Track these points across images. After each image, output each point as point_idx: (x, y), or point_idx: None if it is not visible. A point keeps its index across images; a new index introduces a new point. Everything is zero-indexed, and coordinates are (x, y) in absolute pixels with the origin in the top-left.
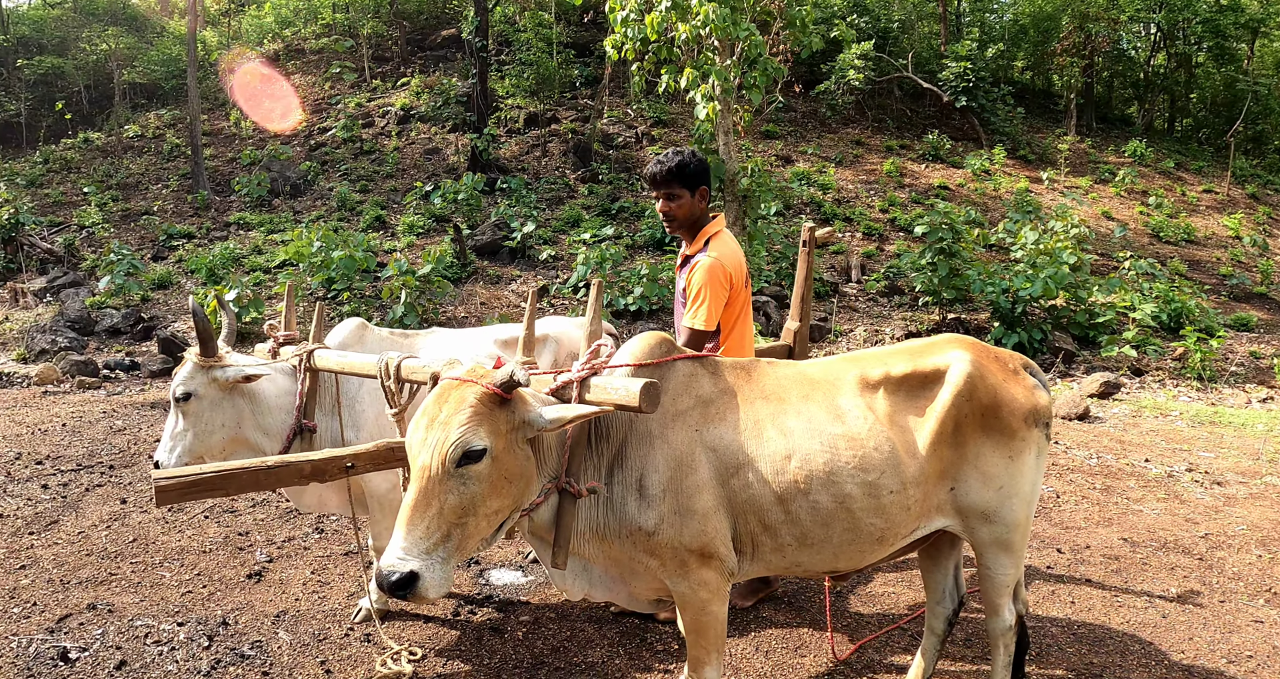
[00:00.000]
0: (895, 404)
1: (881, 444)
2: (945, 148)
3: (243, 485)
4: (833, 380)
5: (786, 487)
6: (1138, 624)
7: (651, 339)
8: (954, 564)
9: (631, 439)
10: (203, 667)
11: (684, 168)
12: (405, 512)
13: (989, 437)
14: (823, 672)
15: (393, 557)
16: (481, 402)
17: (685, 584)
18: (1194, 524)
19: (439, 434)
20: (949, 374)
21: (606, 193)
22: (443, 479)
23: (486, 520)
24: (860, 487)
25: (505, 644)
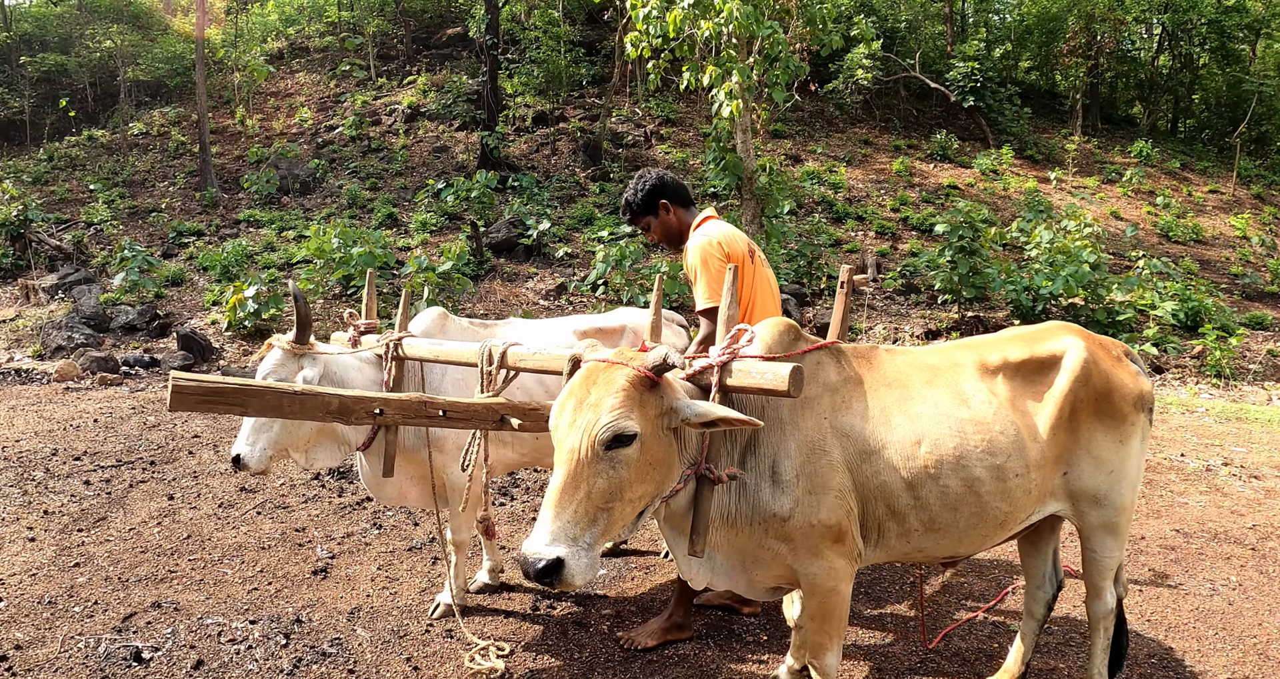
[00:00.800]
0: (1015, 389)
1: (1007, 428)
2: (953, 147)
3: (263, 407)
4: (953, 366)
5: (916, 472)
6: (1206, 611)
7: (781, 326)
8: (1053, 549)
9: (764, 426)
10: (284, 665)
11: (630, 205)
12: (553, 495)
13: (1101, 421)
14: (915, 660)
15: (539, 542)
16: (633, 384)
17: (816, 567)
18: (1240, 516)
19: (589, 416)
20: (1065, 360)
21: (618, 191)
22: (592, 462)
23: (631, 506)
24: (988, 470)
25: (592, 637)
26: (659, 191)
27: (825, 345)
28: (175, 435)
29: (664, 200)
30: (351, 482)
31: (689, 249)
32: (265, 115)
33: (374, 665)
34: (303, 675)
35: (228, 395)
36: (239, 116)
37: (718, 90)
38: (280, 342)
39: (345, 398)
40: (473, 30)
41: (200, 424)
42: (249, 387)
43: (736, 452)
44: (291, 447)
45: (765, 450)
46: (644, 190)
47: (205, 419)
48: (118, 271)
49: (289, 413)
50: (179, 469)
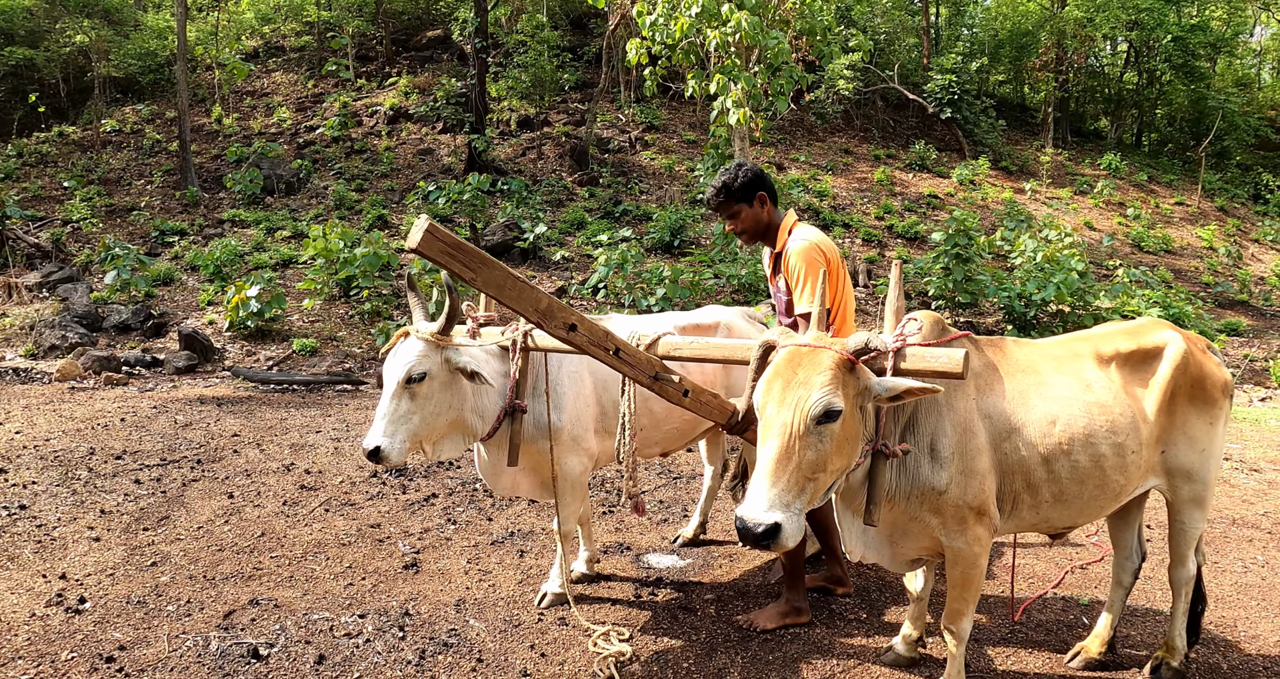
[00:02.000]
0: (1126, 376)
1: (1125, 410)
2: (931, 158)
3: (490, 280)
4: (1074, 356)
5: (1052, 448)
6: (1244, 586)
7: (932, 318)
8: (1139, 523)
9: (921, 407)
10: (409, 656)
11: (729, 187)
12: (768, 465)
13: (1194, 405)
14: (1006, 631)
15: (757, 509)
16: (838, 365)
17: (963, 539)
18: (1250, 504)
19: (800, 393)
20: (1167, 351)
21: (608, 196)
22: (803, 435)
23: (829, 477)
24: (1111, 447)
25: (703, 621)
26: (760, 182)
27: (966, 335)
28: (213, 434)
29: (763, 192)
30: (412, 479)
31: (792, 251)
32: (242, 114)
33: (499, 654)
34: (430, 666)
35: (467, 254)
36: (216, 115)
37: (724, 98)
38: (423, 332)
39: (553, 302)
40: (456, 33)
41: (235, 422)
42: (486, 256)
43: (898, 430)
44: (427, 438)
45: (924, 429)
46: (745, 178)
47: (235, 418)
48: (108, 270)
49: (506, 296)
50: (229, 467)
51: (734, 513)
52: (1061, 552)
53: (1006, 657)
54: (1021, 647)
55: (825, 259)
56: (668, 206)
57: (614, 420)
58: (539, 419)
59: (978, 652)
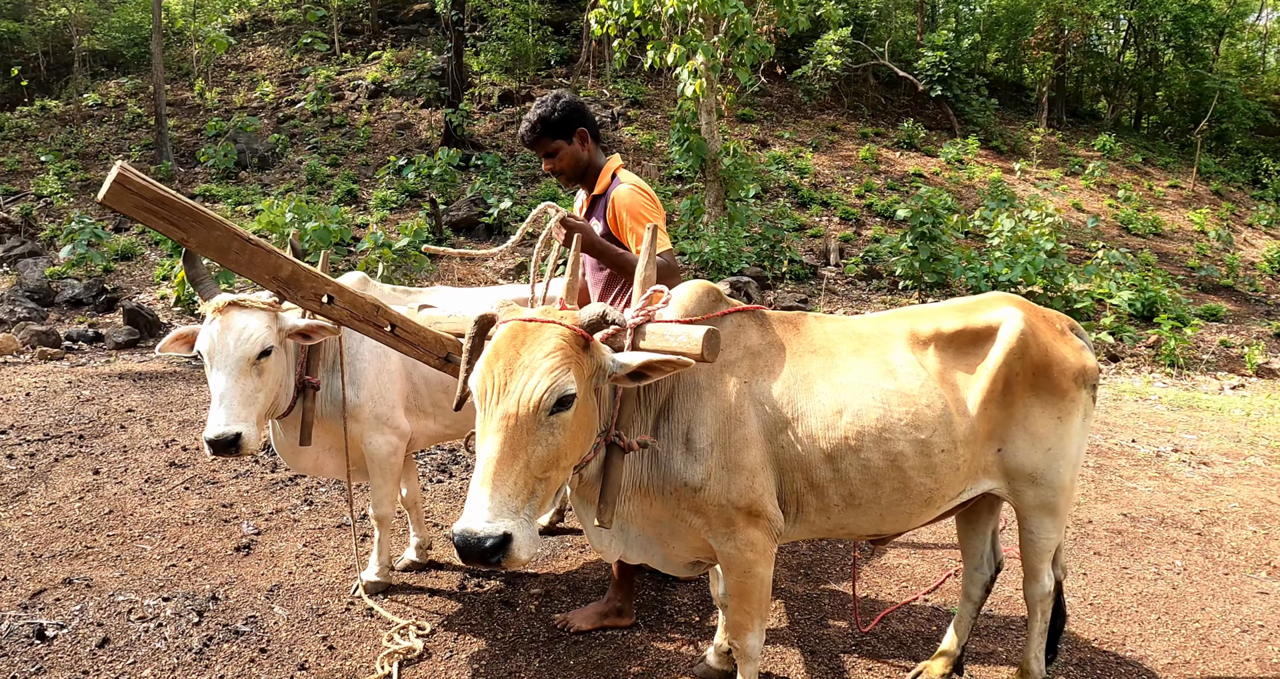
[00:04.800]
0: (946, 361)
1: (934, 401)
2: (920, 136)
3: (205, 241)
4: (883, 335)
5: (836, 443)
6: (1150, 595)
7: (699, 289)
8: (992, 529)
9: (678, 391)
10: (194, 644)
11: (545, 121)
12: (490, 467)
13: (1038, 397)
14: (850, 643)
15: (478, 519)
16: (568, 343)
17: (731, 544)
18: (1188, 501)
19: (525, 378)
20: (1001, 331)
21: None
22: (533, 429)
23: (564, 475)
24: (912, 444)
25: (518, 617)
26: (580, 116)
27: (748, 309)
28: (108, 409)
29: (583, 128)
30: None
31: (618, 194)
32: (226, 88)
33: (287, 644)
34: (212, 654)
35: (174, 209)
36: (198, 89)
37: (681, 69)
38: (260, 300)
39: (300, 268)
40: (439, 5)
41: (135, 398)
42: (200, 212)
43: (650, 417)
44: (269, 416)
45: (680, 416)
46: (564, 111)
47: (138, 392)
48: (65, 244)
49: (232, 261)
50: (109, 443)
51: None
52: (952, 552)
53: (840, 672)
54: (865, 660)
55: (655, 201)
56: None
57: (429, 399)
58: (335, 396)
59: (810, 663)
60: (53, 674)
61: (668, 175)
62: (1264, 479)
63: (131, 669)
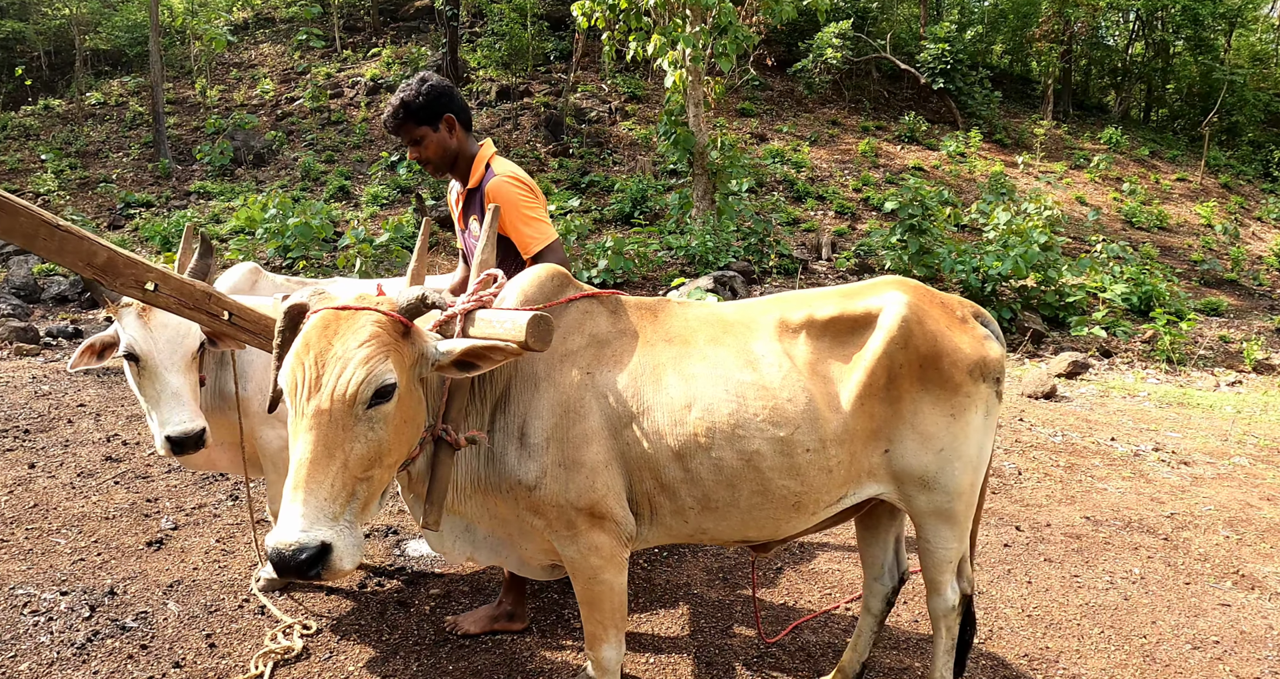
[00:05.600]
0: (819, 351)
1: (797, 395)
2: (921, 130)
3: (12, 229)
4: (748, 323)
5: (685, 440)
6: (1098, 607)
7: (543, 273)
8: (894, 537)
9: (516, 382)
10: (78, 639)
11: (408, 106)
12: (302, 470)
13: (928, 391)
14: (753, 654)
15: (293, 529)
16: (384, 330)
17: (574, 548)
18: (1160, 504)
19: (338, 370)
20: (881, 318)
21: (577, 167)
22: (350, 424)
23: (389, 473)
24: (770, 443)
25: (410, 618)
26: (447, 101)
27: (599, 294)
28: (60, 404)
29: (450, 114)
30: None
31: (495, 185)
32: (227, 86)
33: (170, 641)
34: (94, 649)
35: None
36: (200, 87)
37: (663, 60)
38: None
39: (115, 253)
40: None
41: (91, 393)
42: (4, 200)
43: (487, 410)
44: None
45: (516, 409)
46: (429, 94)
47: (96, 387)
48: None
49: (41, 248)
50: (52, 438)
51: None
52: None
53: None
54: (764, 672)
55: (533, 190)
56: (633, 177)
57: None
58: (224, 388)
59: (703, 675)
60: None
61: (663, 170)
62: (1246, 480)
63: (10, 663)
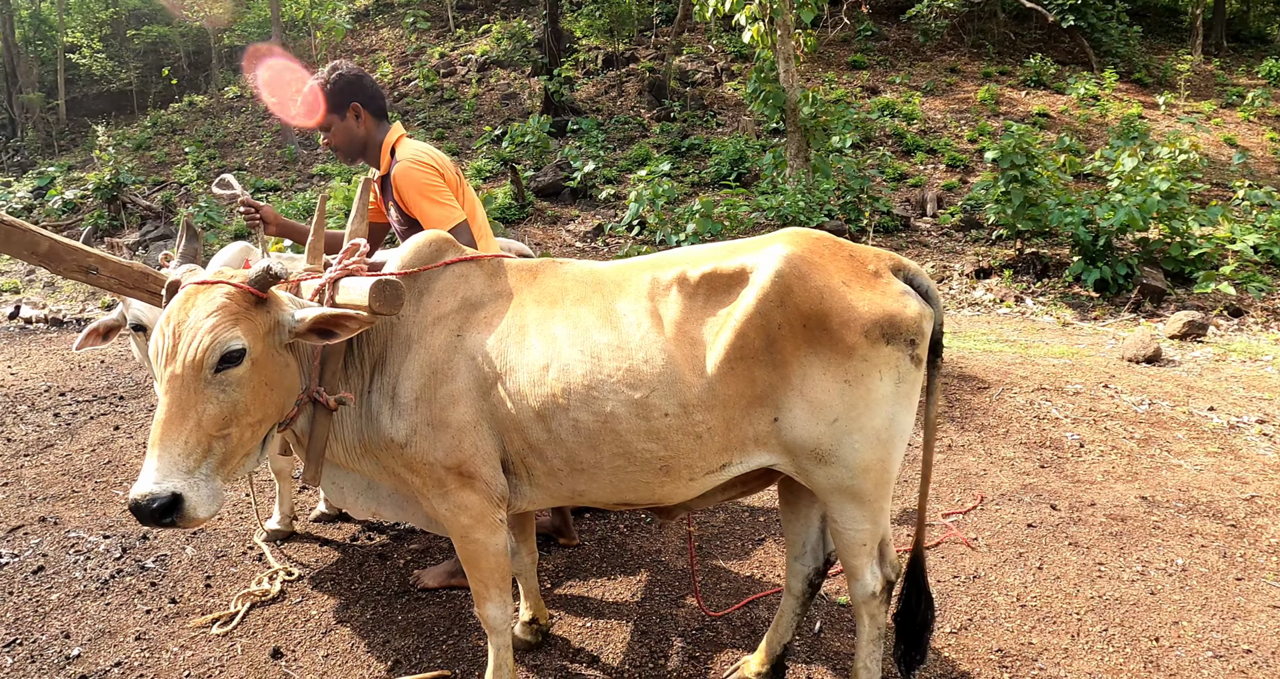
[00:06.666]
0: (688, 311)
1: (653, 356)
2: (1049, 72)
3: None
4: (620, 281)
5: (545, 401)
6: (1112, 600)
7: (421, 240)
8: (820, 514)
9: (392, 344)
10: (105, 575)
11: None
12: (158, 429)
13: (817, 355)
14: (692, 626)
15: (147, 482)
16: (233, 300)
17: (445, 506)
18: (1242, 485)
19: (189, 339)
20: (754, 274)
21: (678, 130)
22: (200, 387)
23: (250, 431)
24: (625, 405)
25: (384, 570)
26: (353, 90)
27: (477, 258)
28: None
29: (357, 102)
30: None
31: (398, 175)
32: None
33: (175, 580)
34: (114, 585)
35: None
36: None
37: (739, 15)
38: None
39: (57, 242)
40: None
41: None
42: None
43: (367, 371)
44: None
45: (390, 370)
46: (336, 82)
47: None
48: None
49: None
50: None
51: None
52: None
53: (657, 656)
54: (694, 646)
55: (438, 171)
56: (731, 138)
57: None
58: None
59: (632, 643)
60: None
61: (766, 130)
62: None
63: (45, 592)
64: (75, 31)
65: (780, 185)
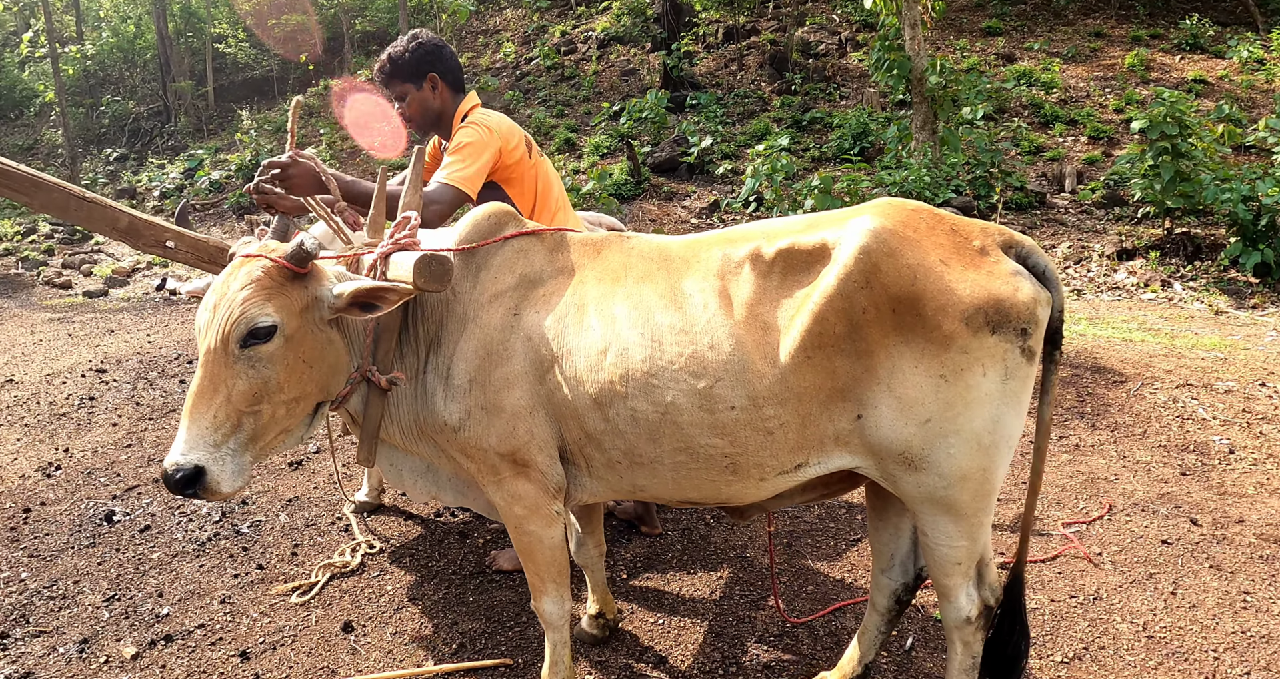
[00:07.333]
0: (762, 292)
1: (720, 341)
2: (1207, 34)
3: (49, 203)
4: (689, 258)
5: (602, 387)
6: (1258, 637)
7: (479, 213)
8: (911, 523)
9: (448, 323)
10: (202, 537)
11: (396, 62)
12: (189, 400)
13: (908, 344)
14: (770, 632)
15: (174, 452)
16: (269, 275)
17: (499, 495)
18: None
19: (224, 312)
20: (837, 251)
21: (799, 103)
22: (229, 362)
23: (285, 409)
24: (688, 395)
25: (462, 548)
26: (432, 59)
27: (538, 232)
28: None
29: (435, 73)
30: None
31: (458, 131)
32: (475, 53)
33: (265, 547)
34: (209, 547)
35: (13, 179)
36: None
37: None
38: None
39: (136, 217)
40: None
41: None
42: (39, 178)
43: (423, 350)
44: None
45: (446, 350)
46: (415, 51)
47: None
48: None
49: (73, 217)
50: None
51: None
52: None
53: (729, 662)
54: (771, 654)
55: (498, 143)
56: (855, 110)
57: None
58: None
59: (705, 646)
60: (99, 545)
61: (891, 102)
62: None
63: (148, 551)
64: (221, 23)
65: (905, 160)
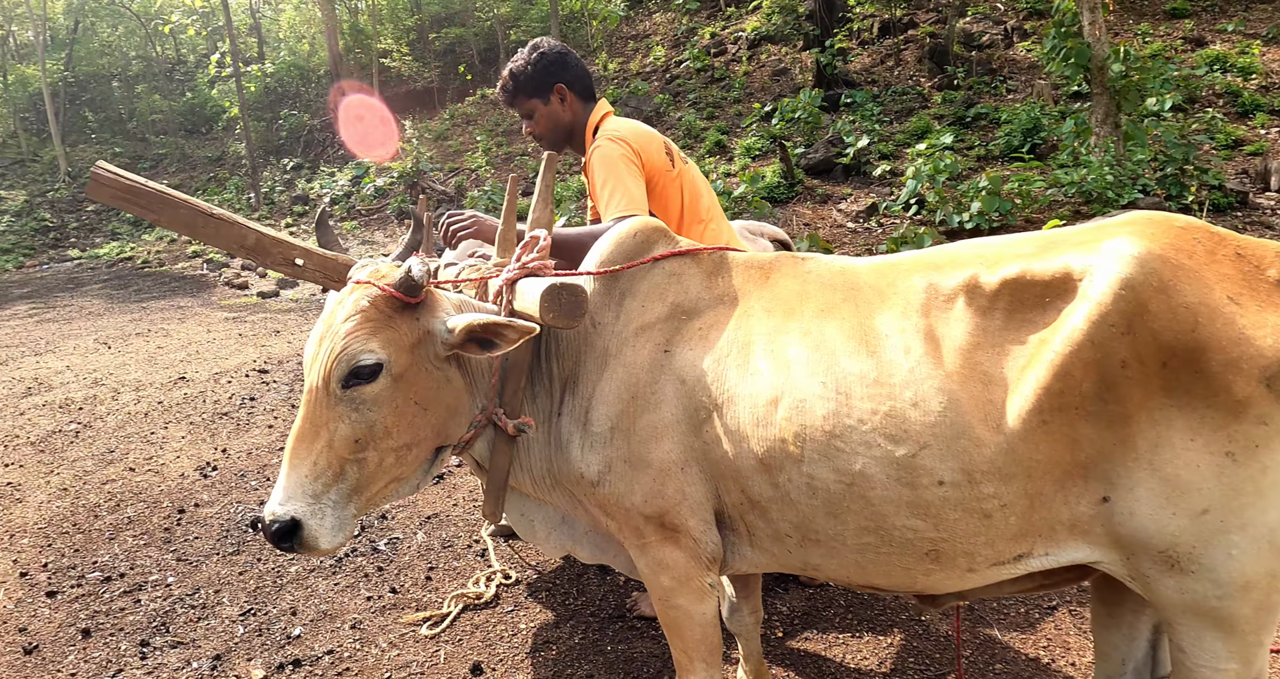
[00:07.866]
0: (981, 334)
1: (926, 397)
2: None
3: (175, 220)
4: (882, 287)
5: (771, 447)
6: None
7: (624, 230)
8: (1152, 625)
9: (586, 360)
10: (340, 553)
11: (519, 77)
12: (290, 444)
13: (1181, 410)
14: None
15: (274, 501)
16: (375, 306)
17: (644, 561)
18: None
19: (327, 347)
20: (1087, 284)
21: (962, 98)
22: (330, 403)
23: (395, 456)
24: (882, 464)
25: (602, 586)
26: (558, 69)
27: (695, 251)
28: None
29: (561, 83)
30: None
31: (591, 158)
32: (625, 57)
33: (400, 567)
34: (345, 565)
35: (142, 196)
36: (600, 62)
37: None
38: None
39: (264, 234)
40: None
41: None
42: (166, 195)
43: (558, 390)
44: None
45: (583, 390)
46: (537, 63)
47: None
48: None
49: (201, 234)
50: None
51: None
52: None
53: None
54: None
55: (636, 155)
56: (1025, 104)
57: None
58: None
59: None
60: (242, 553)
61: (1065, 94)
62: None
63: (286, 564)
64: (386, 38)
65: (1083, 157)
